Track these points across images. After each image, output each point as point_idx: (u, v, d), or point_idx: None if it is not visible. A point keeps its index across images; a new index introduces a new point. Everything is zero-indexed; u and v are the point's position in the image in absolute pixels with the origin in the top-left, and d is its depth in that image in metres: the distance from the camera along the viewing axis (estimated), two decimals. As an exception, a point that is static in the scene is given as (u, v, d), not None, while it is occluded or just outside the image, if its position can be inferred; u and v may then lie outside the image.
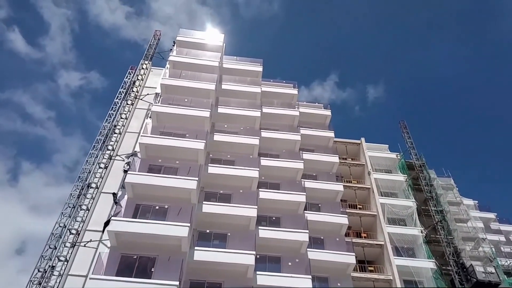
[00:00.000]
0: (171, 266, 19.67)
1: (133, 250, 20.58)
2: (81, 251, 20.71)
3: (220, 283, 22.00)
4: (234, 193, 26.45)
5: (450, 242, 29.84)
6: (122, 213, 21.24)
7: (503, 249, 37.32)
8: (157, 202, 23.03)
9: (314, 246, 26.11)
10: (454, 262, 28.59)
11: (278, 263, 24.58)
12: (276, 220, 26.94)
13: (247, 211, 24.56)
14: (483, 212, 41.88)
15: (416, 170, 34.62)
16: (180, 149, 25.32)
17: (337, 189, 30.06)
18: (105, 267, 19.11)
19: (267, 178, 28.64)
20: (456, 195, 36.84)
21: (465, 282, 27.34)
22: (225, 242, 23.92)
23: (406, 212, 31.14)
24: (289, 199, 27.21)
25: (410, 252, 29.15)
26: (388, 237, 29.45)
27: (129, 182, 22.53)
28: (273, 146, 31.01)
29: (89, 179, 23.14)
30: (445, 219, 31.58)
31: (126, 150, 25.90)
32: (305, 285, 22.39)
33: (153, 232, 20.50)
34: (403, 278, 27.50)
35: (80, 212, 21.72)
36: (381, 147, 38.21)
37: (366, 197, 33.71)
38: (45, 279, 18.96)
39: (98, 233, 20.93)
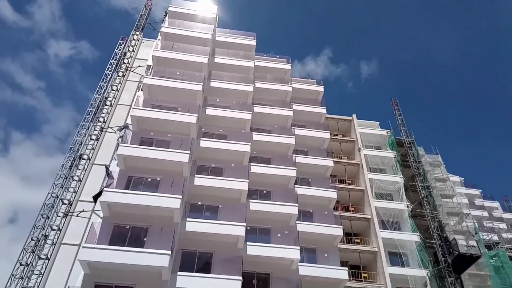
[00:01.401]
0: (163, 236, 20.07)
1: (126, 220, 20.91)
2: (74, 221, 21.03)
3: (211, 253, 22.57)
4: (225, 167, 26.75)
5: (435, 217, 30.77)
6: (115, 184, 21.42)
7: (485, 224, 38.70)
8: (149, 174, 23.24)
9: (303, 219, 26.75)
10: (438, 235, 29.58)
11: (268, 235, 25.21)
12: (267, 194, 27.44)
13: (238, 184, 24.93)
14: (469, 189, 43.13)
15: (405, 147, 35.19)
16: (172, 122, 25.34)
17: (327, 164, 30.53)
18: (98, 236, 19.41)
19: (259, 153, 28.96)
20: (443, 172, 37.73)
21: (447, 254, 28.37)
22: (217, 214, 24.37)
23: (394, 187, 31.89)
24: (280, 174, 27.61)
25: (395, 225, 30.08)
26: (375, 211, 30.29)
27: (121, 154, 22.62)
28: (265, 121, 31.15)
29: (81, 151, 23.20)
30: (431, 195, 32.44)
31: (118, 123, 25.86)
32: (293, 255, 23.08)
33: (146, 204, 20.78)
34: (388, 250, 28.49)
35: (72, 183, 21.89)
36: (372, 124, 38.64)
37: (356, 172, 34.33)
38: (38, 247, 19.30)
39: (91, 204, 21.21)
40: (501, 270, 30.84)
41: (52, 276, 19.11)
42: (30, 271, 18.62)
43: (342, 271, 24.63)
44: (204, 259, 22.46)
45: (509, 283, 30.11)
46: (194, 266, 21.79)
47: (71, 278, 18.68)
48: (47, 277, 18.99)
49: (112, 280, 18.64)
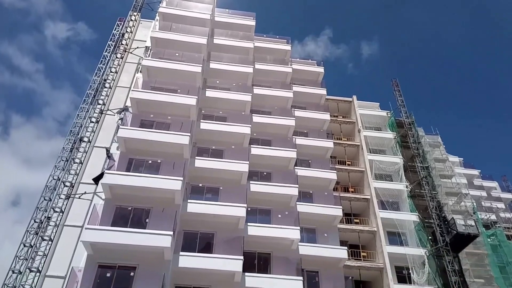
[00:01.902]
0: (165, 217, 20.28)
1: (128, 202, 21.07)
2: (76, 203, 21.20)
3: (212, 233, 22.85)
4: (226, 149, 26.80)
5: (433, 197, 31.05)
6: (116, 167, 21.50)
7: (484, 203, 39.12)
8: (150, 156, 23.30)
9: (303, 200, 26.98)
10: (436, 215, 29.91)
11: (268, 215, 25.48)
12: (267, 175, 27.59)
13: (238, 166, 25.03)
14: (468, 169, 43.41)
15: (405, 127, 35.21)
16: (172, 104, 25.23)
17: (327, 146, 30.59)
18: (100, 218, 19.60)
19: (259, 135, 28.97)
20: (442, 152, 37.88)
21: (445, 234, 28.76)
22: (217, 195, 24.57)
23: (393, 168, 32.07)
24: (280, 155, 27.70)
25: (394, 206, 30.41)
26: (375, 191, 30.56)
27: (122, 136, 22.61)
28: (265, 103, 31.04)
29: (81, 133, 23.19)
30: (430, 175, 32.65)
31: (117, 105, 25.77)
32: (293, 235, 23.39)
33: (147, 185, 20.89)
34: (387, 230, 28.89)
35: (74, 165, 21.98)
36: (372, 105, 38.54)
37: (355, 153, 34.45)
38: (42, 229, 19.52)
39: (92, 186, 21.35)
40: (498, 248, 31.37)
41: (56, 257, 19.40)
42: (34, 252, 18.89)
43: (341, 250, 25.01)
44: (206, 239, 22.75)
45: (505, 261, 30.67)
46: (196, 246, 22.10)
47: (75, 258, 18.95)
48: (51, 258, 19.27)
49: (115, 261, 18.91)
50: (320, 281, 24.41)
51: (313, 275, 24.57)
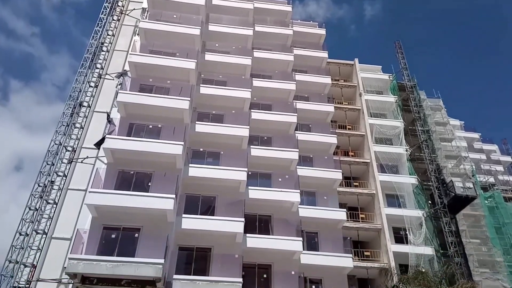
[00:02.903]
0: (167, 181, 20.53)
1: (130, 166, 21.28)
2: (79, 168, 21.41)
3: (214, 196, 23.24)
4: (226, 113, 26.70)
5: (433, 160, 31.29)
6: (116, 131, 21.51)
7: (483, 166, 39.47)
8: (150, 121, 23.26)
9: (303, 164, 27.21)
10: (435, 178, 30.26)
11: (269, 179, 25.78)
12: (268, 140, 27.67)
13: (239, 131, 25.05)
14: (468, 132, 43.48)
15: (407, 91, 34.89)
16: (171, 68, 24.89)
17: (328, 110, 30.46)
18: (104, 182, 19.89)
19: (259, 99, 28.75)
20: (443, 116, 37.77)
21: (443, 196, 29.23)
22: (218, 160, 24.75)
23: (394, 132, 32.10)
24: (280, 120, 27.64)
25: (394, 169, 30.73)
26: (374, 155, 30.78)
27: (121, 101, 22.48)
28: (265, 66, 30.59)
29: (81, 98, 23.04)
30: (431, 139, 32.73)
31: (116, 69, 25.40)
32: (294, 198, 23.79)
33: (148, 150, 21.02)
34: (386, 193, 29.37)
35: (75, 130, 22.01)
36: (374, 68, 38.00)
37: (356, 118, 34.37)
38: (46, 193, 19.84)
39: (94, 151, 21.48)
40: (495, 210, 31.98)
41: (61, 219, 19.83)
42: (40, 215, 19.30)
43: (340, 212, 25.53)
44: (208, 202, 23.18)
45: (502, 222, 31.36)
46: (198, 209, 22.55)
47: (80, 221, 19.37)
48: (57, 220, 19.71)
49: (120, 222, 19.36)
50: (319, 242, 25.09)
51: (312, 236, 25.24)
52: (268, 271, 22.46)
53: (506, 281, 28.53)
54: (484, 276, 28.00)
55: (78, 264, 16.79)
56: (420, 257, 25.88)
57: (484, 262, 29.65)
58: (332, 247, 24.42)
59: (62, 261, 18.16)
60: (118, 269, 17.08)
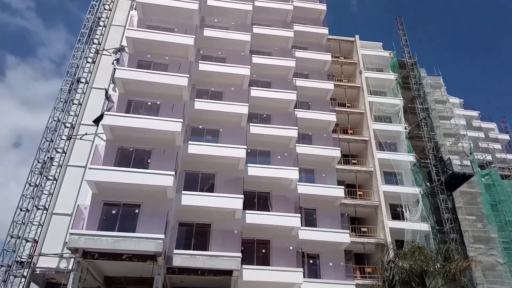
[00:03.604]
0: (167, 158, 20.53)
1: (129, 143, 21.24)
2: (78, 144, 21.36)
3: (213, 173, 23.34)
4: (225, 90, 26.50)
5: (431, 138, 31.38)
6: (115, 108, 21.37)
7: (481, 144, 39.65)
8: (149, 98, 23.08)
9: (302, 141, 27.26)
10: (433, 156, 30.43)
11: (268, 157, 25.90)
12: (267, 118, 27.60)
13: (238, 108, 24.91)
14: (467, 110, 43.47)
15: (408, 68, 34.64)
16: (169, 44, 24.47)
17: (328, 87, 30.25)
18: (103, 158, 19.89)
19: (259, 76, 28.49)
20: (443, 94, 37.67)
21: (441, 173, 29.49)
22: (217, 137, 24.74)
23: (393, 109, 32.06)
24: (280, 97, 27.48)
25: (392, 147, 30.88)
26: (373, 133, 30.84)
27: (119, 77, 22.21)
28: (265, 43, 30.15)
29: (78, 74, 22.75)
30: (430, 117, 32.76)
31: (113, 44, 24.98)
32: (292, 175, 23.95)
33: (147, 127, 20.90)
34: (384, 170, 29.62)
35: (73, 107, 21.84)
36: (374, 45, 37.58)
37: (356, 95, 34.23)
38: (45, 169, 19.87)
39: (93, 128, 21.38)
40: (492, 188, 32.32)
41: (61, 195, 19.91)
42: (40, 191, 19.37)
43: (338, 190, 25.78)
44: (207, 179, 23.30)
45: (498, 199, 31.75)
46: (197, 186, 22.68)
47: (80, 197, 19.47)
48: (57, 196, 19.80)
49: (120, 199, 19.48)
50: (317, 218, 25.47)
51: (310, 213, 25.59)
52: (266, 246, 22.88)
53: (500, 256, 29.17)
54: (479, 252, 28.58)
55: (79, 239, 16.98)
56: (416, 233, 26.33)
57: (479, 238, 30.21)
58: (329, 224, 24.80)
59: (63, 236, 18.37)
60: (119, 244, 17.29)
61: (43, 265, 18.40)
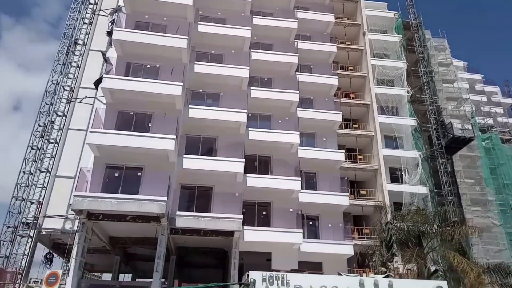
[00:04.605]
0: (167, 122, 20.46)
1: (129, 107, 21.08)
2: (78, 108, 21.27)
3: (214, 138, 23.40)
4: (225, 53, 26.00)
5: (433, 102, 31.13)
6: (114, 71, 21.02)
7: (483, 108, 39.48)
8: (148, 61, 22.66)
9: (303, 105, 27.10)
10: (434, 120, 30.31)
11: (269, 121, 25.83)
12: (268, 81, 27.28)
13: (239, 71, 24.57)
14: (471, 74, 42.90)
15: (412, 30, 33.78)
16: (167, 3, 23.53)
17: (330, 50, 29.68)
18: (104, 122, 19.82)
19: (260, 38, 27.86)
20: (447, 57, 37.00)
21: (442, 137, 29.49)
22: (218, 101, 24.57)
23: (396, 73, 31.59)
24: (281, 60, 27.02)
25: (394, 111, 30.72)
26: (375, 97, 30.57)
27: (117, 39, 21.67)
28: (266, 3, 29.25)
29: (75, 36, 22.28)
30: (433, 80, 32.33)
31: (110, 5, 24.27)
32: (293, 139, 24.01)
33: (147, 90, 20.67)
34: (384, 134, 29.62)
35: (71, 69, 21.57)
36: (379, 5, 36.49)
37: (358, 58, 33.63)
38: (47, 132, 19.91)
39: (93, 91, 21.19)
40: (492, 151, 32.46)
41: (64, 158, 20.08)
42: (42, 154, 19.54)
43: (338, 154, 25.94)
44: (208, 144, 23.41)
45: (497, 163, 31.97)
46: (199, 150, 22.81)
47: (83, 160, 19.63)
48: (59, 159, 19.98)
49: (122, 162, 19.61)
50: (317, 181, 25.81)
51: (311, 176, 25.88)
52: (267, 208, 23.34)
53: (496, 218, 29.76)
54: (476, 214, 29.14)
55: (83, 201, 17.25)
56: (415, 196, 26.74)
57: (476, 201, 30.69)
58: (329, 187, 25.14)
59: (67, 198, 18.71)
60: (123, 205, 17.60)
61: (48, 226, 18.90)
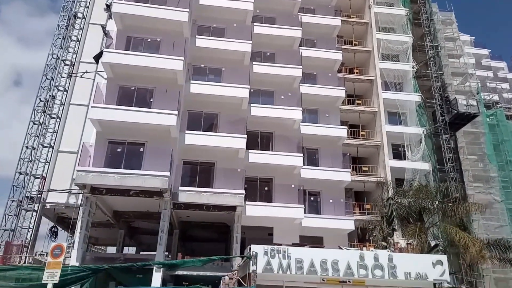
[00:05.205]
0: (169, 97, 20.32)
1: (130, 81, 20.89)
2: (79, 82, 21.12)
3: (216, 113, 23.27)
4: (227, 27, 25.49)
5: (439, 77, 30.68)
6: (114, 45, 20.70)
7: (489, 84, 38.88)
8: (149, 34, 22.29)
9: (306, 81, 26.75)
10: (439, 95, 29.94)
11: (271, 97, 25.59)
12: (271, 56, 26.85)
13: (241, 46, 24.13)
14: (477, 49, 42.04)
15: (419, 3, 32.90)
16: (166, -26, 23.08)
17: (334, 24, 29.01)
18: (105, 97, 19.69)
19: (262, 12, 27.20)
20: (454, 31, 36.18)
21: (446, 113, 29.22)
22: (220, 76, 24.29)
23: (402, 47, 30.99)
24: (284, 34, 26.47)
25: (398, 86, 30.31)
26: (379, 72, 30.12)
27: (117, 12, 21.19)
28: (269, -25, 28.41)
29: (74, 9, 21.86)
30: (439, 55, 31.76)
31: (107, -23, 23.66)
32: (295, 115, 23.84)
33: (148, 65, 20.44)
34: (388, 110, 29.36)
35: (71, 44, 21.28)
36: (386, -23, 35.35)
37: (363, 33, 32.96)
38: (48, 107, 19.85)
39: (93, 65, 20.97)
40: (496, 128, 32.17)
41: (66, 133, 20.11)
42: (44, 129, 19.55)
43: (341, 130, 25.81)
44: (210, 120, 23.29)
45: (501, 139, 31.74)
46: (201, 126, 22.73)
47: (85, 135, 19.64)
48: (61, 134, 20.01)
49: (124, 137, 19.63)
50: (319, 158, 25.76)
51: (313, 152, 25.83)
52: (269, 184, 23.44)
53: (498, 194, 29.81)
54: (477, 190, 29.19)
55: (86, 176, 17.38)
56: (417, 172, 26.74)
57: (478, 177, 30.67)
58: (331, 163, 25.12)
59: (71, 173, 18.85)
60: (126, 180, 17.73)
61: (52, 201, 19.12)
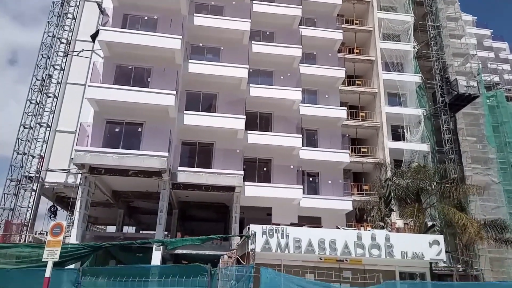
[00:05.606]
0: (167, 77, 20.10)
1: (128, 61, 20.60)
2: (76, 61, 20.79)
3: (215, 94, 23.07)
4: (226, 5, 25.03)
5: (440, 58, 30.36)
6: (110, 23, 20.34)
7: (490, 65, 38.50)
8: (145, 12, 21.86)
9: (306, 61, 26.44)
10: (440, 76, 29.69)
11: (271, 77, 25.35)
12: (270, 35, 26.45)
13: (240, 24, 23.71)
14: (479, 29, 41.48)
15: (422, -20, 32.25)
16: None
17: (335, 2, 28.42)
18: (102, 76, 19.43)
19: (261, -11, 26.65)
20: (456, 10, 35.54)
21: (446, 95, 29.04)
22: (218, 56, 23.97)
23: (403, 27, 30.55)
24: (284, 13, 25.99)
25: (399, 67, 30.01)
26: (380, 52, 29.77)
27: (113, -12, 20.82)
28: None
29: (69, -15, 21.36)
30: (440, 35, 31.34)
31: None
32: (295, 96, 23.65)
33: (145, 43, 20.08)
34: (388, 91, 29.17)
35: (67, 21, 20.86)
36: (388, -46, 34.50)
37: (364, 11, 32.43)
38: (45, 86, 19.61)
39: (90, 44, 20.62)
40: (496, 109, 32.01)
41: (64, 113, 19.93)
42: (41, 109, 19.37)
43: (340, 111, 25.65)
44: (209, 100, 23.10)
45: (500, 121, 31.63)
46: (199, 106, 22.56)
47: (82, 115, 19.47)
48: (59, 114, 19.84)
49: (122, 117, 19.48)
50: (318, 139, 25.69)
51: (312, 133, 25.75)
52: (268, 165, 23.45)
53: (496, 176, 29.89)
54: (475, 172, 29.26)
55: (85, 156, 17.32)
56: (415, 153, 26.75)
57: (477, 159, 30.68)
58: (330, 144, 25.08)
59: (69, 153, 18.79)
60: (124, 160, 17.69)
61: (51, 180, 19.11)
